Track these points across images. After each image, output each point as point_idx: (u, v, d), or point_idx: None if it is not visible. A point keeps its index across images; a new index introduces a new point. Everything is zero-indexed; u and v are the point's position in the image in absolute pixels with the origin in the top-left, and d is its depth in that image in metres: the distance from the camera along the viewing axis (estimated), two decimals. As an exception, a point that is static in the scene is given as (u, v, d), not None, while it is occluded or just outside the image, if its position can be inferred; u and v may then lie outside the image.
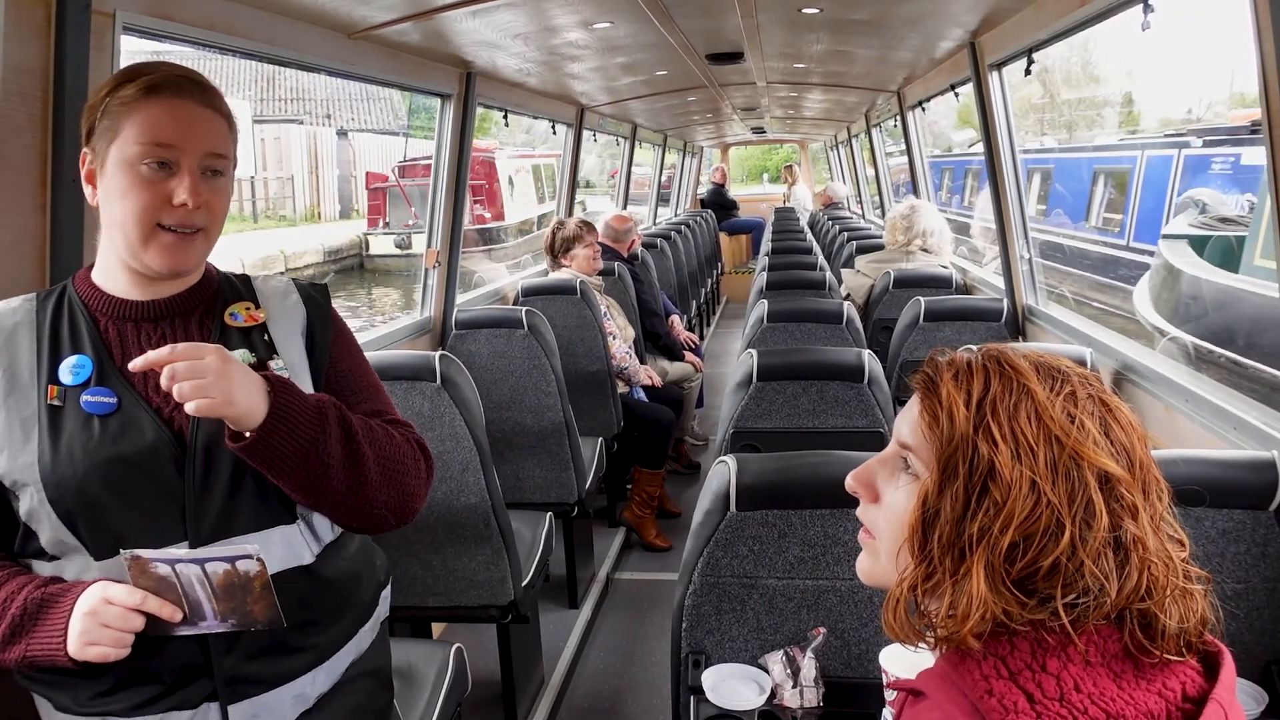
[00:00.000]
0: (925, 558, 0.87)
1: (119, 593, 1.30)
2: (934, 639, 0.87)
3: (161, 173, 1.34)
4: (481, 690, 3.08)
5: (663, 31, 3.69)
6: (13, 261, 1.73)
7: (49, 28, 1.73)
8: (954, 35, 3.87)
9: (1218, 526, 1.65)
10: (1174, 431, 2.61)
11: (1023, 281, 4.01)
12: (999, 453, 0.83)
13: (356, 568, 1.56)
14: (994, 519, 0.83)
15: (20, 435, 1.34)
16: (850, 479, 0.98)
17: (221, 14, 2.29)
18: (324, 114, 28.11)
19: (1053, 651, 0.83)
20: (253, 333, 1.48)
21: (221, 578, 1.32)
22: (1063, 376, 0.88)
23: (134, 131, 1.33)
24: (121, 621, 1.29)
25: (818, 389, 2.71)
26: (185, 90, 1.36)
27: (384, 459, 1.45)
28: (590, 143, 6.54)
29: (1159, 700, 0.82)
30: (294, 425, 1.33)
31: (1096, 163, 11.06)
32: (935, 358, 0.93)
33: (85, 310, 1.42)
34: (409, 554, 2.72)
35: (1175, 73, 16.36)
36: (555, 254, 4.75)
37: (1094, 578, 0.81)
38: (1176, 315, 7.04)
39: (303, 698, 1.47)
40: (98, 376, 1.37)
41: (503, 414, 3.65)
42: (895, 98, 6.07)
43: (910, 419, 0.92)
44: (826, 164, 16.03)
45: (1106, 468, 0.83)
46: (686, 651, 1.77)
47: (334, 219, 25.88)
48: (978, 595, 0.82)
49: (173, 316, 1.44)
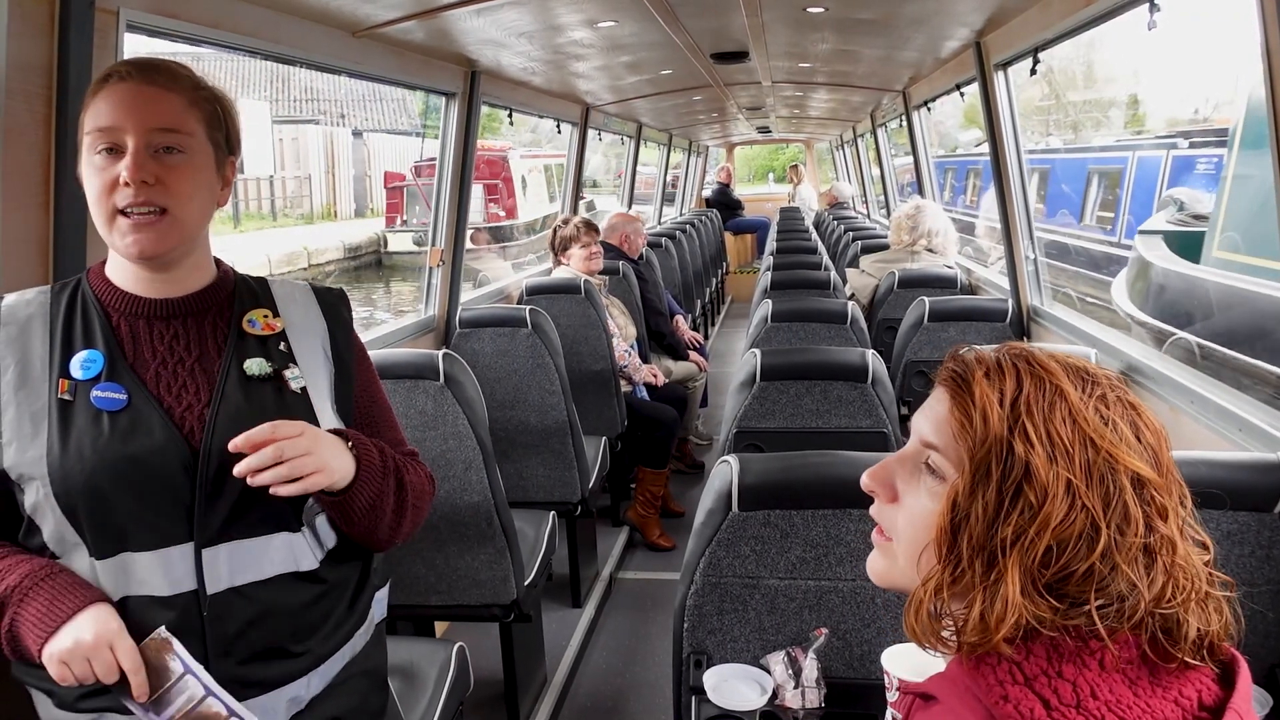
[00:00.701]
0: (953, 560, 0.85)
1: (124, 652, 1.29)
2: (958, 643, 0.85)
3: (111, 158, 1.34)
4: (484, 689, 3.08)
5: (667, 30, 3.68)
6: (17, 259, 1.73)
7: (52, 25, 1.73)
8: (959, 35, 3.86)
9: (1222, 528, 1.64)
10: (1179, 433, 2.60)
11: (1028, 282, 4.00)
12: (1035, 454, 0.81)
13: (354, 574, 1.56)
14: (1029, 522, 0.81)
15: (30, 428, 1.34)
16: (867, 478, 0.96)
17: (226, 12, 2.29)
18: (338, 114, 28.42)
19: (1069, 657, 0.81)
20: (269, 341, 1.48)
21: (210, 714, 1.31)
22: (1091, 378, 0.86)
23: (91, 120, 1.35)
24: (104, 671, 1.28)
25: (821, 389, 2.71)
26: (132, 75, 1.36)
27: (415, 498, 1.55)
28: (595, 142, 6.54)
29: (1175, 708, 0.81)
30: (371, 481, 1.43)
31: (1091, 163, 11.32)
32: (961, 354, 0.91)
33: (98, 305, 1.42)
34: (412, 553, 2.71)
35: (1182, 73, 16.36)
36: (556, 251, 4.76)
37: (1127, 582, 0.80)
38: (1146, 304, 7.42)
39: (297, 700, 1.47)
40: (109, 372, 1.37)
41: (506, 413, 3.65)
42: (901, 97, 6.06)
43: (936, 417, 0.90)
44: (832, 164, 16.03)
45: (1140, 470, 0.82)
46: (688, 652, 1.77)
47: (349, 217, 26.08)
48: (1012, 601, 0.80)
49: (185, 316, 1.44)
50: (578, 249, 4.65)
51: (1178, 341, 6.49)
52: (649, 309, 5.29)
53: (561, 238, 4.70)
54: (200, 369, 1.42)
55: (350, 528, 1.47)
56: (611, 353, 4.35)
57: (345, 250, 20.94)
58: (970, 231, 12.96)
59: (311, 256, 19.58)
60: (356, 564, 1.57)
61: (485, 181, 18.81)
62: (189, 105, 1.39)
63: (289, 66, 2.91)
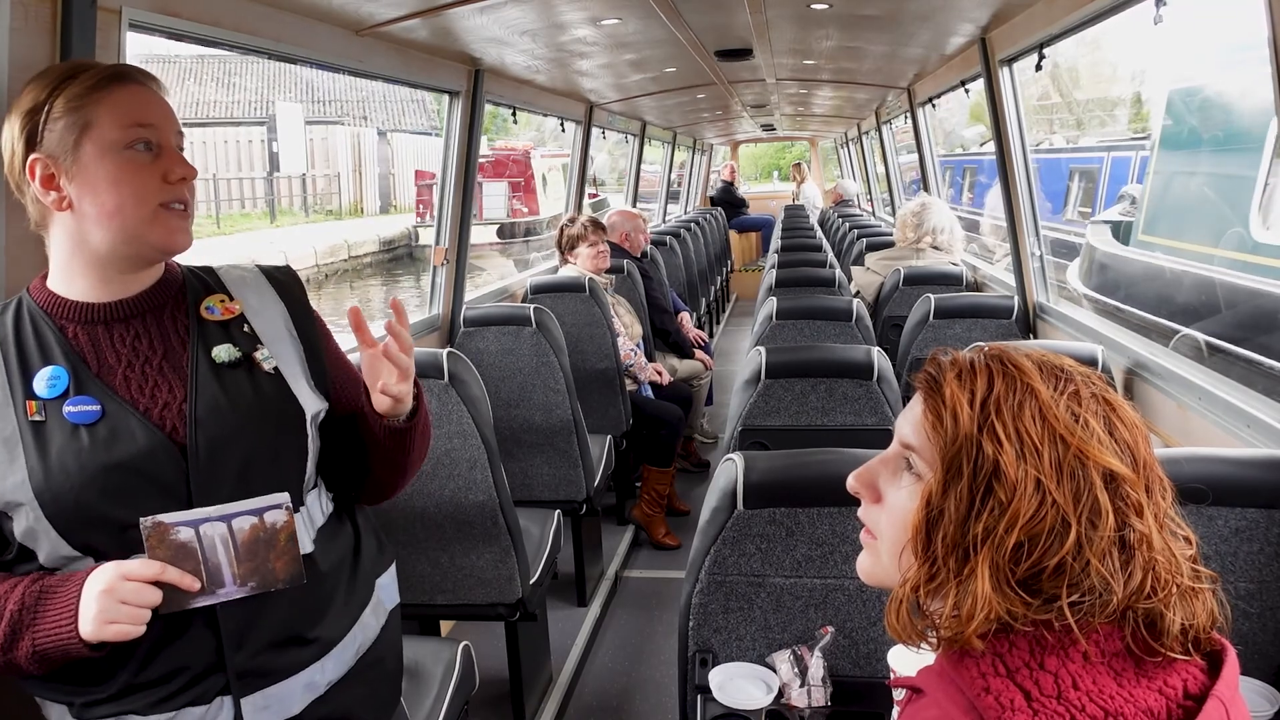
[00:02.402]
0: (929, 558, 0.86)
1: (135, 567, 1.28)
2: (937, 639, 0.87)
3: (150, 154, 1.35)
4: (489, 688, 3.07)
5: (671, 28, 3.68)
6: (21, 256, 1.72)
7: (55, 24, 1.72)
8: (964, 31, 3.85)
9: (1230, 525, 1.63)
10: (1187, 429, 2.59)
11: (1034, 278, 3.98)
12: (1004, 452, 0.83)
13: (346, 550, 1.56)
14: (999, 519, 0.82)
15: (5, 455, 1.31)
16: (852, 479, 0.98)
17: (228, 10, 2.28)
18: (360, 115, 29.45)
19: (1052, 649, 0.82)
20: (230, 325, 1.47)
21: (248, 533, 1.31)
22: (1066, 375, 0.88)
23: (114, 117, 1.33)
24: (139, 596, 1.27)
25: (826, 386, 2.70)
26: (137, 78, 1.38)
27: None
28: (600, 140, 6.53)
29: (1159, 697, 0.82)
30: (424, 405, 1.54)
31: (1073, 163, 12.29)
32: (938, 357, 0.93)
33: (48, 319, 1.39)
34: (417, 551, 2.71)
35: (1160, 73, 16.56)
36: (563, 250, 4.75)
37: (1100, 577, 0.81)
38: (1090, 280, 8.68)
39: (313, 686, 1.47)
40: (76, 386, 1.34)
41: (511, 411, 3.65)
42: (905, 94, 6.05)
43: (913, 419, 0.92)
44: (837, 161, 16.01)
45: (1111, 466, 0.83)
46: (694, 650, 1.76)
47: (374, 213, 27.78)
48: (982, 595, 0.82)
49: (144, 314, 1.42)
50: (585, 248, 4.64)
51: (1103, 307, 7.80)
52: (654, 307, 5.28)
53: (569, 236, 4.69)
54: (168, 365, 1.40)
55: (406, 456, 1.54)
56: (616, 351, 4.34)
57: (380, 243, 23.05)
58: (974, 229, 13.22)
59: (351, 249, 21.92)
60: (346, 541, 1.57)
61: (511, 179, 20.57)
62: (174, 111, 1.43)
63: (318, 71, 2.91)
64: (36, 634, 1.28)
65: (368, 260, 22.39)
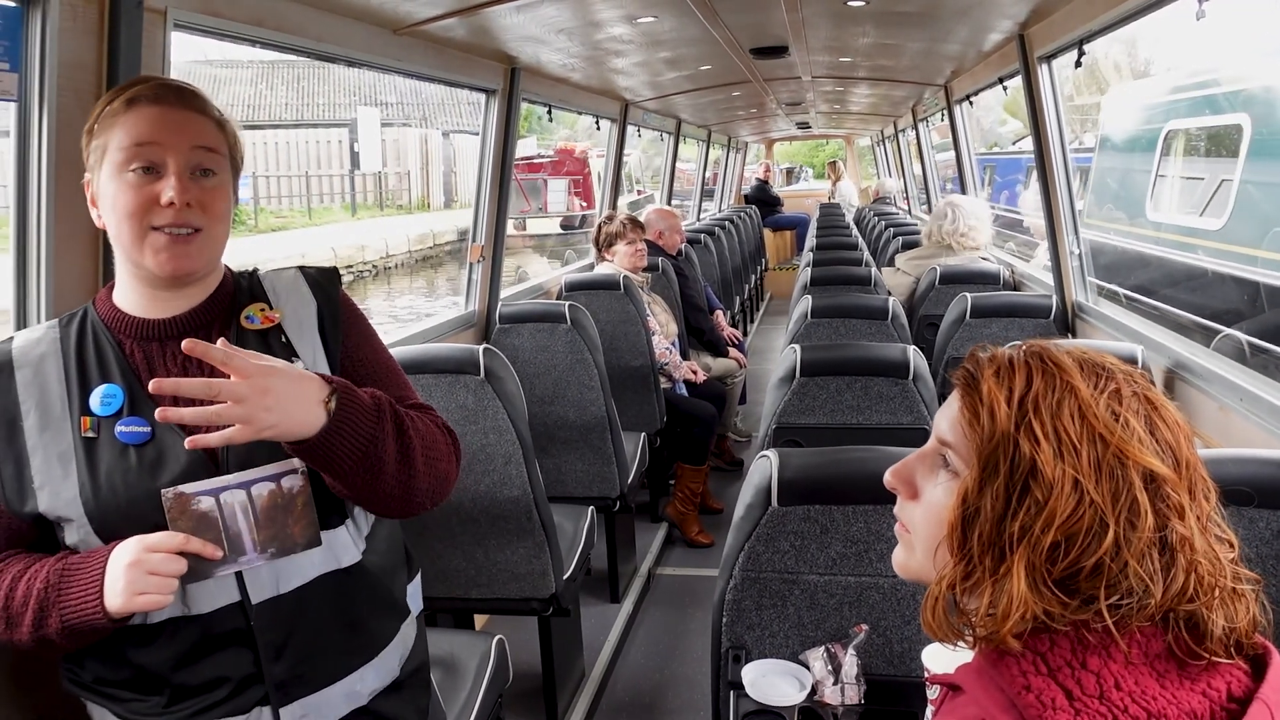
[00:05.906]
0: (965, 556, 0.86)
1: (160, 538, 1.28)
2: (973, 638, 0.87)
3: (149, 176, 1.34)
4: (522, 682, 3.09)
5: (707, 26, 3.67)
6: (69, 251, 1.76)
7: (102, 24, 1.76)
8: (1002, 27, 3.81)
9: (1273, 528, 1.60)
10: (1228, 430, 2.55)
11: (1073, 277, 3.94)
12: (1041, 451, 0.82)
13: (388, 560, 1.56)
14: (1035, 518, 0.82)
15: (60, 470, 1.34)
16: (889, 475, 0.98)
17: (270, 10, 2.32)
18: (420, 116, 31.81)
19: (1094, 649, 0.81)
20: (269, 335, 1.46)
21: (266, 499, 1.32)
22: (1107, 374, 0.86)
23: (118, 139, 1.34)
24: (167, 566, 1.27)
25: (862, 385, 2.69)
26: (164, 97, 1.37)
27: (427, 448, 1.44)
28: (635, 139, 6.53)
29: (1203, 700, 0.80)
30: (354, 427, 1.31)
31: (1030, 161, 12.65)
32: (976, 354, 0.92)
33: (109, 334, 1.41)
34: (452, 546, 2.74)
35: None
36: (600, 247, 4.76)
37: (1138, 579, 0.80)
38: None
39: (353, 695, 1.47)
40: (129, 406, 1.36)
41: (545, 408, 3.66)
42: (943, 91, 6.00)
43: (950, 415, 0.92)
44: (873, 159, 15.90)
45: (1152, 467, 0.81)
46: (727, 646, 1.77)
47: (440, 208, 30.64)
48: (1018, 595, 0.81)
49: (195, 331, 1.41)
50: (623, 245, 4.64)
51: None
52: (689, 305, 5.28)
53: (607, 234, 4.69)
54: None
55: (342, 480, 1.34)
56: (651, 349, 4.35)
57: (458, 233, 24.89)
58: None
59: (436, 238, 25.36)
60: (389, 552, 1.56)
61: (571, 177, 22.21)
62: (217, 128, 1.41)
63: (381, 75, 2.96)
64: (64, 609, 1.30)
65: (447, 248, 25.33)
